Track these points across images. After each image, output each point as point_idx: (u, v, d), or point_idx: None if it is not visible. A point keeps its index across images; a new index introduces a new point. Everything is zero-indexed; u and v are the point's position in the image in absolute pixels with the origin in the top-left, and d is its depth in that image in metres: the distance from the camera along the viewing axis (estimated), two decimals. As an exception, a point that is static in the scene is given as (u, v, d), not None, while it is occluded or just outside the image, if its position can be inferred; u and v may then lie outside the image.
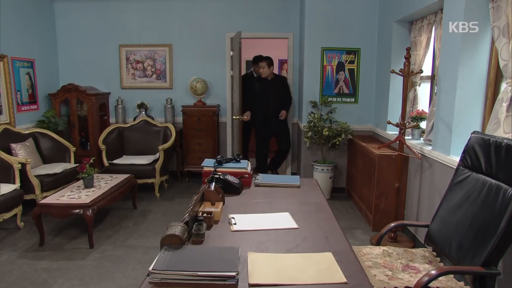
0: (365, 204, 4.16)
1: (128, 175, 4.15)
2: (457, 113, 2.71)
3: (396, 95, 4.17)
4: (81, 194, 3.47)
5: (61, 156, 4.63)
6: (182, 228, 1.57)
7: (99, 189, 3.61)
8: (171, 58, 5.58)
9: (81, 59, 5.61)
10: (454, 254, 1.90)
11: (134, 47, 5.57)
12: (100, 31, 5.56)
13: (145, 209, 4.35)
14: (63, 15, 5.53)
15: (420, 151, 3.28)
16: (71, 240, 3.50)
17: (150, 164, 4.73)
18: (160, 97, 5.62)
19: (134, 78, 5.65)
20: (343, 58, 4.75)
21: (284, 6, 5.43)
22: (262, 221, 1.90)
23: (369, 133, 4.87)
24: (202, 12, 5.48)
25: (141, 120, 5.27)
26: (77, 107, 5.20)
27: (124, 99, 5.61)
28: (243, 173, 2.52)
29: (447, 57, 2.84)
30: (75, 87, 5.10)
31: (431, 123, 3.30)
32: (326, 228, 1.83)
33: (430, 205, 3.12)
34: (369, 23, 4.66)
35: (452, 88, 2.74)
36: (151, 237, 3.59)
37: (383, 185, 3.71)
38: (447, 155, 2.80)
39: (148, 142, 5.10)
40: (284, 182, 2.56)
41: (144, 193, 4.82)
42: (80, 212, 3.22)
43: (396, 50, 4.10)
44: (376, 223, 3.77)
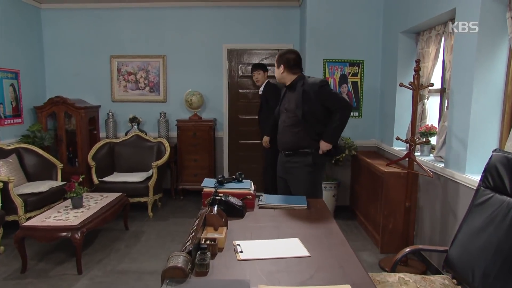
0: (371, 224, 4.08)
1: (119, 194, 4.04)
2: (472, 128, 2.67)
3: (403, 109, 4.14)
4: (69, 215, 3.36)
5: (47, 173, 4.51)
6: (185, 259, 1.48)
7: (89, 210, 3.49)
8: (165, 70, 5.52)
9: (69, 70, 5.54)
10: (478, 282, 1.82)
11: (126, 58, 5.52)
12: (90, 41, 5.50)
13: (138, 230, 4.23)
14: (51, 23, 5.48)
15: (431, 168, 3.22)
16: (57, 265, 3.36)
17: (143, 182, 4.63)
18: (154, 110, 5.55)
19: (126, 91, 5.58)
20: (346, 70, 4.73)
21: (284, 16, 5.43)
22: (270, 248, 1.81)
23: (374, 149, 4.82)
24: (198, 22, 5.45)
25: (133, 135, 5.19)
26: (65, 121, 5.11)
27: (115, 112, 5.53)
28: (246, 194, 2.43)
29: (460, 69, 2.81)
30: (63, 100, 5.02)
31: (442, 139, 3.26)
32: (341, 256, 1.75)
33: (444, 227, 3.04)
34: (373, 34, 4.65)
35: (466, 102, 2.70)
36: (145, 261, 3.46)
37: (391, 204, 3.63)
38: (462, 173, 2.75)
39: (140, 158, 5.01)
40: (290, 204, 2.48)
41: (136, 212, 4.70)
42: (68, 235, 3.10)
43: (403, 62, 4.08)
44: (384, 245, 3.69)
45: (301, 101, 2.90)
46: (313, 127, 2.92)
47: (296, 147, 3.00)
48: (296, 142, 2.98)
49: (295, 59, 3.00)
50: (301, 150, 2.98)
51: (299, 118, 2.90)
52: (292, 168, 3.05)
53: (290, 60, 2.98)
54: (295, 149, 3.01)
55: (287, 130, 3.03)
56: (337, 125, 2.89)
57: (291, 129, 2.99)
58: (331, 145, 2.93)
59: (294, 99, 2.96)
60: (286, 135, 3.05)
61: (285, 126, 3.05)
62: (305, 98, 2.89)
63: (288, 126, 3.01)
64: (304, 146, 2.97)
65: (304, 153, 2.98)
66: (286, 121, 3.04)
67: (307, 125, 2.91)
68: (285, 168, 3.11)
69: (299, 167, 3.01)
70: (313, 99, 2.88)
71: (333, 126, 2.89)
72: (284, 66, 3.00)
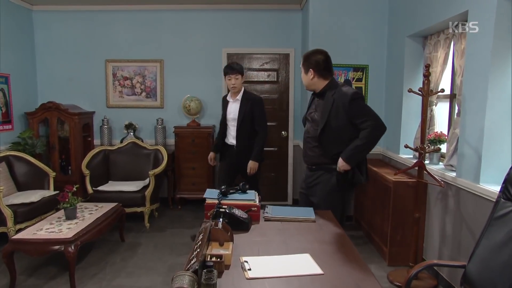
0: (377, 235, 3.99)
1: (115, 204, 3.95)
2: (487, 136, 2.60)
3: (409, 115, 4.08)
4: (62, 227, 3.25)
5: (38, 182, 4.40)
6: (191, 279, 1.39)
7: (83, 221, 3.39)
8: (162, 75, 5.45)
9: (63, 74, 5.45)
10: (502, 301, 1.74)
11: (122, 63, 5.44)
12: (84, 44, 5.43)
13: (134, 242, 4.12)
14: (43, 26, 5.39)
15: (442, 177, 3.15)
16: (48, 280, 3.24)
17: (139, 191, 4.53)
18: (150, 117, 5.46)
19: (122, 96, 5.50)
20: (350, 76, 4.67)
21: (285, 20, 5.38)
22: (280, 265, 1.73)
23: (379, 157, 4.75)
24: (197, 25, 5.39)
25: (129, 142, 5.10)
26: (58, 128, 5.02)
27: (111, 119, 5.44)
28: (251, 205, 2.35)
29: (473, 74, 2.75)
30: (55, 106, 4.93)
31: (453, 147, 3.19)
32: (356, 274, 1.67)
33: (456, 239, 2.97)
34: (378, 38, 4.60)
35: (480, 109, 2.64)
36: (142, 275, 3.36)
37: (399, 215, 3.56)
38: (476, 183, 2.67)
39: (137, 166, 4.92)
40: (297, 216, 2.39)
41: (132, 223, 4.59)
42: (61, 248, 2.99)
43: (410, 67, 4.03)
44: (392, 257, 3.61)
45: (327, 113, 2.59)
46: (329, 147, 2.63)
47: (318, 162, 2.73)
48: (317, 157, 2.73)
49: (325, 61, 2.66)
50: (325, 166, 2.70)
51: (317, 132, 2.64)
52: (316, 185, 2.77)
53: (320, 63, 2.64)
54: (318, 163, 2.74)
55: (308, 141, 2.78)
56: (362, 144, 2.51)
57: (312, 142, 2.75)
58: (349, 167, 2.58)
59: (321, 108, 2.66)
60: (307, 147, 2.81)
61: (307, 137, 2.79)
62: (333, 110, 2.58)
63: (310, 138, 2.76)
64: (327, 162, 2.68)
65: (329, 169, 2.68)
66: (309, 132, 2.78)
67: (322, 144, 2.65)
68: (308, 184, 2.85)
69: (323, 185, 2.72)
70: (341, 112, 2.55)
71: (356, 143, 2.52)
72: (314, 71, 2.65)
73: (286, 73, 5.53)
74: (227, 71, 3.83)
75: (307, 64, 2.68)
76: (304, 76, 2.72)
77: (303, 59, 2.71)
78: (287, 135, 5.58)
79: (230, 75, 3.79)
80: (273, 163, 5.55)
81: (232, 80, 3.80)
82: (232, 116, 3.91)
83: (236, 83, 3.81)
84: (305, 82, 2.73)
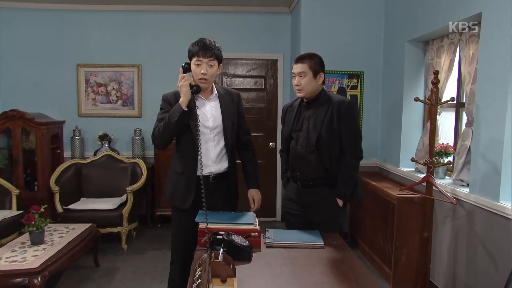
0: (379, 255, 3.82)
1: (89, 225, 3.65)
2: (507, 149, 2.46)
3: (410, 125, 3.97)
4: (26, 254, 2.92)
5: (-1, 200, 4.06)
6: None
7: (52, 246, 3.08)
8: (140, 81, 5.23)
9: (28, 79, 5.15)
10: None
11: (96, 67, 5.19)
12: (54, 47, 5.15)
13: (110, 267, 3.82)
14: (8, 25, 5.06)
15: (452, 193, 3.00)
16: (11, 316, 2.91)
17: (116, 210, 4.25)
18: (127, 127, 5.21)
19: (95, 104, 5.24)
20: (344, 83, 4.54)
21: (273, 24, 5.24)
22: (296, 306, 1.50)
23: (375, 169, 4.62)
24: (178, 28, 5.19)
25: (104, 154, 4.85)
26: (22, 139, 4.69)
27: (83, 129, 5.17)
28: (251, 230, 2.12)
29: (489, 82, 2.62)
30: (20, 114, 4.60)
31: (462, 160, 3.05)
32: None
33: (471, 261, 2.81)
34: (374, 43, 4.50)
35: (499, 119, 2.51)
36: (120, 308, 3.06)
37: (404, 234, 3.39)
38: (495, 201, 2.53)
39: (112, 181, 4.66)
40: (303, 242, 2.18)
41: (108, 244, 4.29)
42: (25, 281, 2.67)
43: (410, 74, 3.92)
44: (397, 280, 3.43)
45: (321, 121, 2.43)
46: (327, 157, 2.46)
47: (316, 177, 2.51)
48: (316, 171, 2.50)
49: None
50: (325, 180, 2.51)
51: (312, 143, 2.45)
52: (317, 203, 2.53)
53: (324, 67, 2.50)
54: (316, 178, 2.52)
55: (300, 156, 2.54)
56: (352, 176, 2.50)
57: (306, 155, 2.51)
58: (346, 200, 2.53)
59: (314, 118, 2.47)
60: (299, 163, 2.56)
61: (299, 151, 2.54)
62: (327, 118, 2.42)
63: (303, 150, 2.52)
64: (326, 176, 2.50)
65: (329, 184, 2.51)
66: (301, 145, 2.54)
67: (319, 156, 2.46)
68: (303, 203, 2.59)
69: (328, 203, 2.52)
70: (335, 121, 2.41)
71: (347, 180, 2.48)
72: (323, 74, 2.48)
73: (274, 80, 5.35)
74: (196, 50, 2.38)
75: (317, 67, 2.44)
76: (312, 81, 2.43)
77: (313, 63, 2.43)
78: (275, 146, 5.38)
79: (201, 57, 2.35)
80: (260, 177, 5.26)
81: (202, 66, 2.35)
82: (212, 123, 2.47)
83: (209, 73, 2.37)
84: (311, 88, 2.44)
